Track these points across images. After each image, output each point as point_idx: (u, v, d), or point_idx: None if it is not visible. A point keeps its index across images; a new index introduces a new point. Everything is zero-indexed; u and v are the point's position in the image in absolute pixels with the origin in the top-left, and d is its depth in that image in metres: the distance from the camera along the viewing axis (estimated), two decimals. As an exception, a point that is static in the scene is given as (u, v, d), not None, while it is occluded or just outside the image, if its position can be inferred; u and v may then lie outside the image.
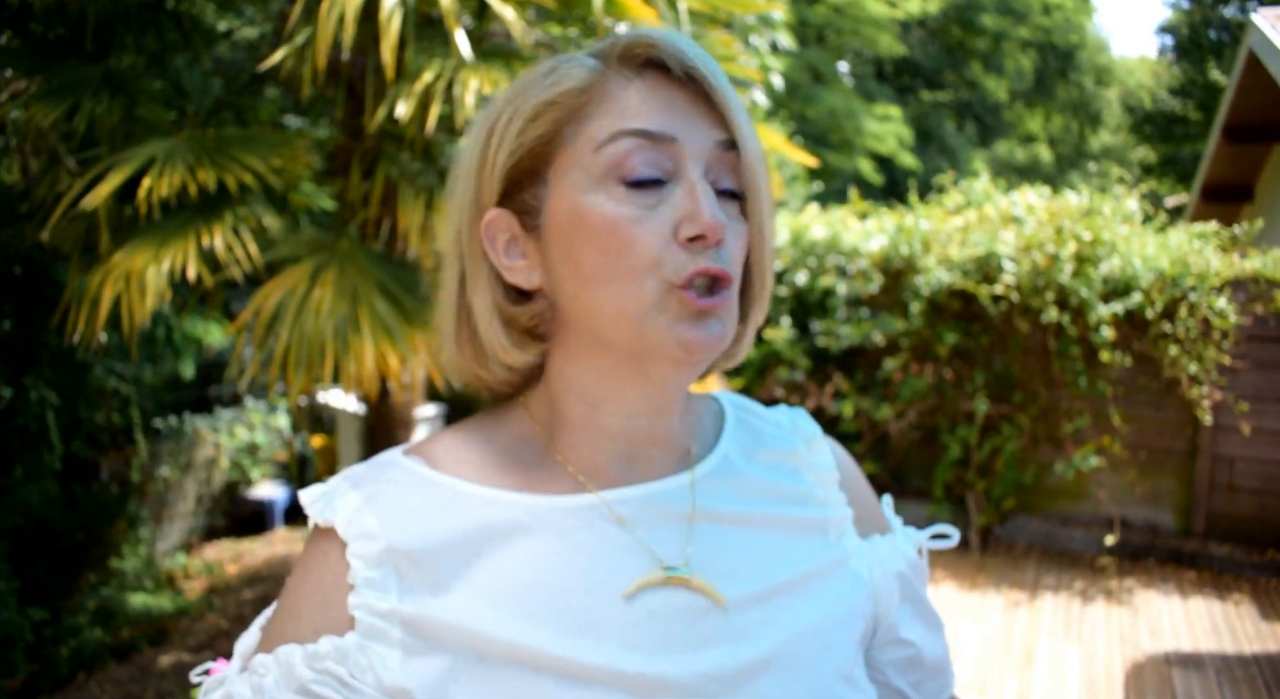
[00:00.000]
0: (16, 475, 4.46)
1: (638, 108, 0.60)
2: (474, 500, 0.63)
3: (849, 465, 0.80)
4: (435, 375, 3.35)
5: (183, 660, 4.37)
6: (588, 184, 0.60)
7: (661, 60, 0.61)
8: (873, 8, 15.62)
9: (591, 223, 0.60)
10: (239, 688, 0.59)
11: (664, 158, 0.60)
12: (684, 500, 0.67)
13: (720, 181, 0.62)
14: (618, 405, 0.65)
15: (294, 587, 0.63)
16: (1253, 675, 3.55)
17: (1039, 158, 21.85)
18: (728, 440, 0.73)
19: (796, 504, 0.72)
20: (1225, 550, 4.79)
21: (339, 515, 0.62)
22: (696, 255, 0.59)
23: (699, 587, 0.62)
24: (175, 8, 3.45)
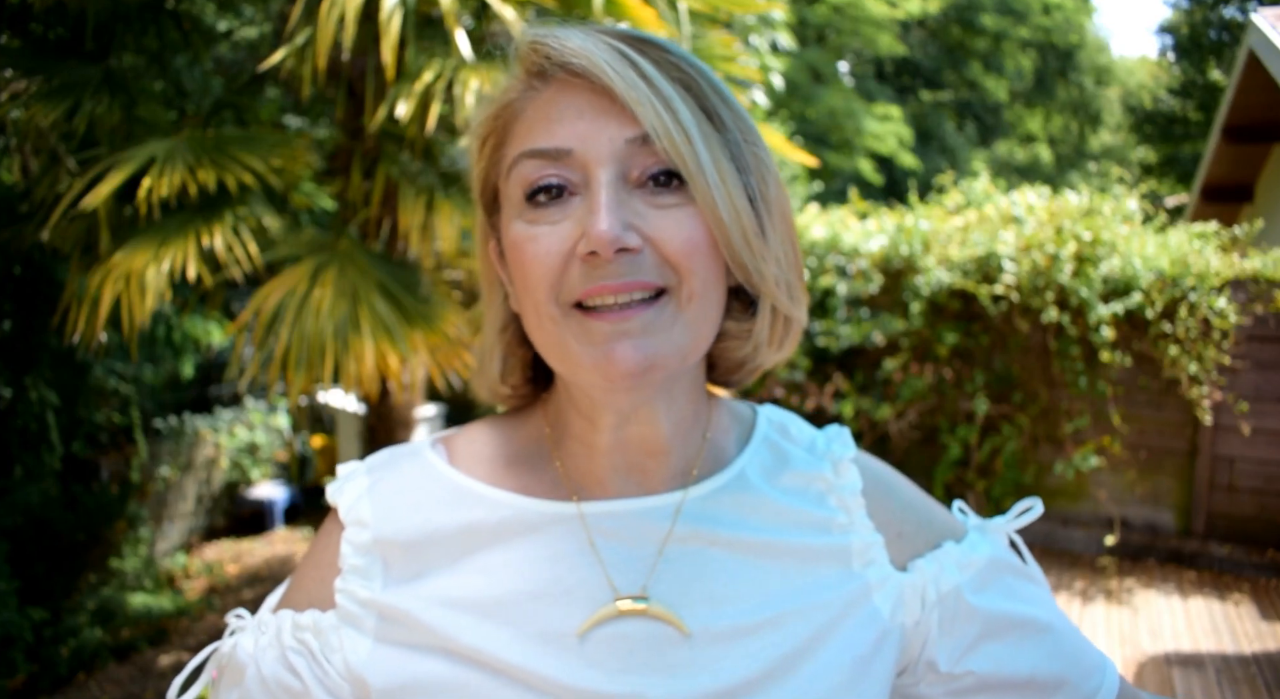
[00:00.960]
0: (16, 475, 4.46)
1: (539, 123, 0.59)
2: (471, 499, 0.65)
3: (884, 484, 0.74)
4: (435, 375, 3.35)
5: (183, 660, 4.37)
6: (510, 210, 0.60)
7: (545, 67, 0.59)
8: (873, 8, 15.62)
9: (511, 248, 0.59)
10: (245, 640, 0.65)
11: (568, 170, 0.57)
12: (664, 522, 0.64)
13: (650, 169, 0.57)
14: (604, 420, 0.64)
15: (305, 557, 0.69)
16: (1253, 675, 3.55)
17: (1039, 158, 21.85)
18: (746, 459, 0.69)
19: (813, 532, 0.67)
20: (1225, 550, 4.79)
21: (343, 499, 0.67)
22: (592, 272, 0.55)
23: (658, 615, 0.61)
24: (175, 8, 3.45)
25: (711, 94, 0.59)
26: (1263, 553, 4.71)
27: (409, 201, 3.30)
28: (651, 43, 0.59)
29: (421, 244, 3.38)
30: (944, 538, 0.73)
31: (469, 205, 3.46)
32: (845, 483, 0.70)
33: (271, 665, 0.63)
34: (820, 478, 0.70)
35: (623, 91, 0.56)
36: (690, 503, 0.65)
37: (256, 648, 0.64)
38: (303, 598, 0.66)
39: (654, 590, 0.62)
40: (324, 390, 6.15)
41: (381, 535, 0.64)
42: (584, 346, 0.57)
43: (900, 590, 0.68)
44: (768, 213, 0.61)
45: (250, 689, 0.63)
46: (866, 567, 0.67)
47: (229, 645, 0.66)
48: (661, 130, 0.56)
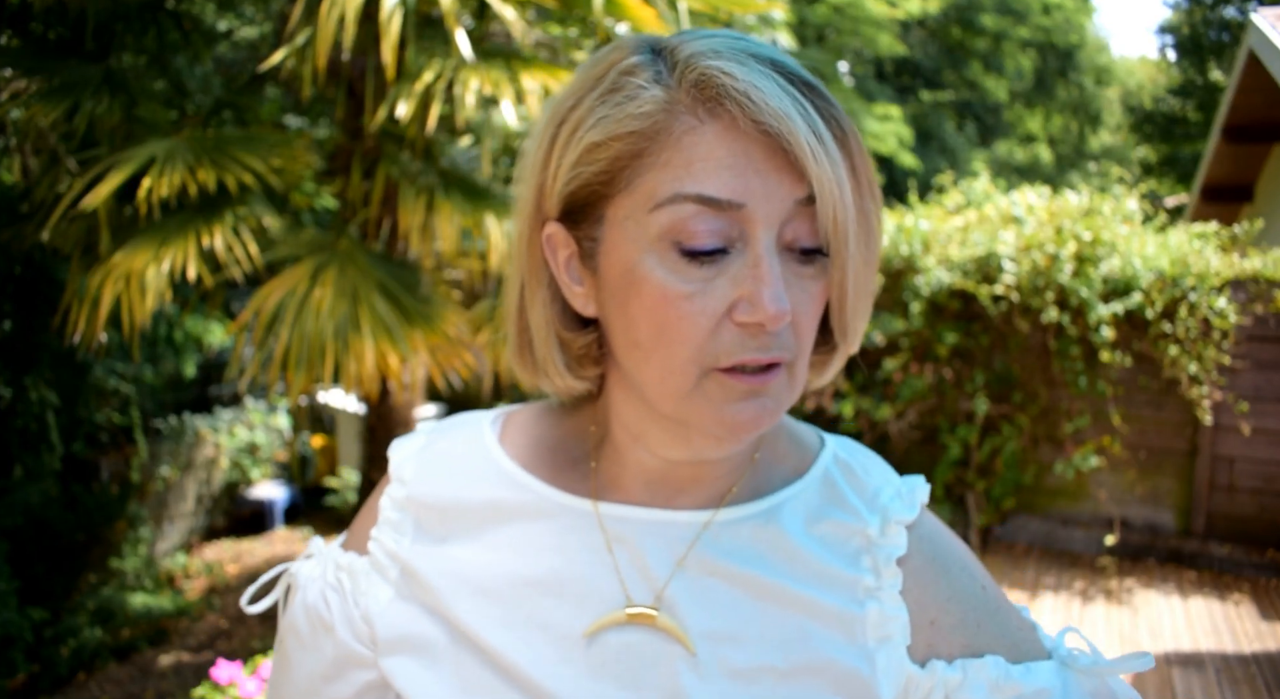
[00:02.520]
0: (16, 475, 4.46)
1: (703, 164, 0.52)
2: (502, 478, 0.66)
3: (938, 563, 0.65)
4: (435, 375, 3.35)
5: (183, 660, 4.36)
6: (643, 242, 0.54)
7: (733, 112, 0.52)
8: (873, 8, 15.62)
9: (644, 289, 0.54)
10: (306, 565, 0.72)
11: (729, 225, 0.53)
12: (688, 538, 0.62)
13: (800, 240, 0.54)
14: (657, 448, 0.62)
15: (364, 507, 0.73)
16: (1253, 675, 3.55)
17: (1039, 158, 21.85)
18: (789, 494, 0.65)
19: (831, 590, 0.61)
20: (1225, 550, 4.79)
21: (396, 455, 0.71)
22: (747, 340, 0.54)
23: (665, 627, 0.59)
24: (175, 8, 3.46)
25: (857, 151, 0.56)
26: (1263, 553, 4.71)
27: (409, 201, 3.30)
28: (815, 88, 0.54)
29: (421, 244, 3.38)
30: (994, 649, 0.62)
31: (469, 205, 3.47)
32: (886, 545, 0.63)
33: (314, 595, 0.69)
34: (862, 533, 0.64)
35: (808, 161, 0.51)
36: (715, 526, 0.63)
37: (307, 577, 0.71)
38: (353, 539, 0.71)
39: (664, 605, 0.60)
40: (324, 390, 6.15)
41: (415, 495, 0.67)
42: (710, 403, 0.55)
43: (904, 685, 0.60)
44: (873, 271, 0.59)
45: (295, 612, 0.70)
46: (879, 644, 0.60)
47: (297, 567, 0.73)
48: (829, 208, 0.52)
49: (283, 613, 0.73)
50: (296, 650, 0.70)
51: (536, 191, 0.60)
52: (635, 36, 0.59)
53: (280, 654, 0.73)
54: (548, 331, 0.63)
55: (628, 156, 0.54)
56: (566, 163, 0.57)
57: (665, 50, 0.56)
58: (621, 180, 0.55)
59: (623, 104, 0.54)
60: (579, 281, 0.60)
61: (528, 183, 0.61)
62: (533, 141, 0.61)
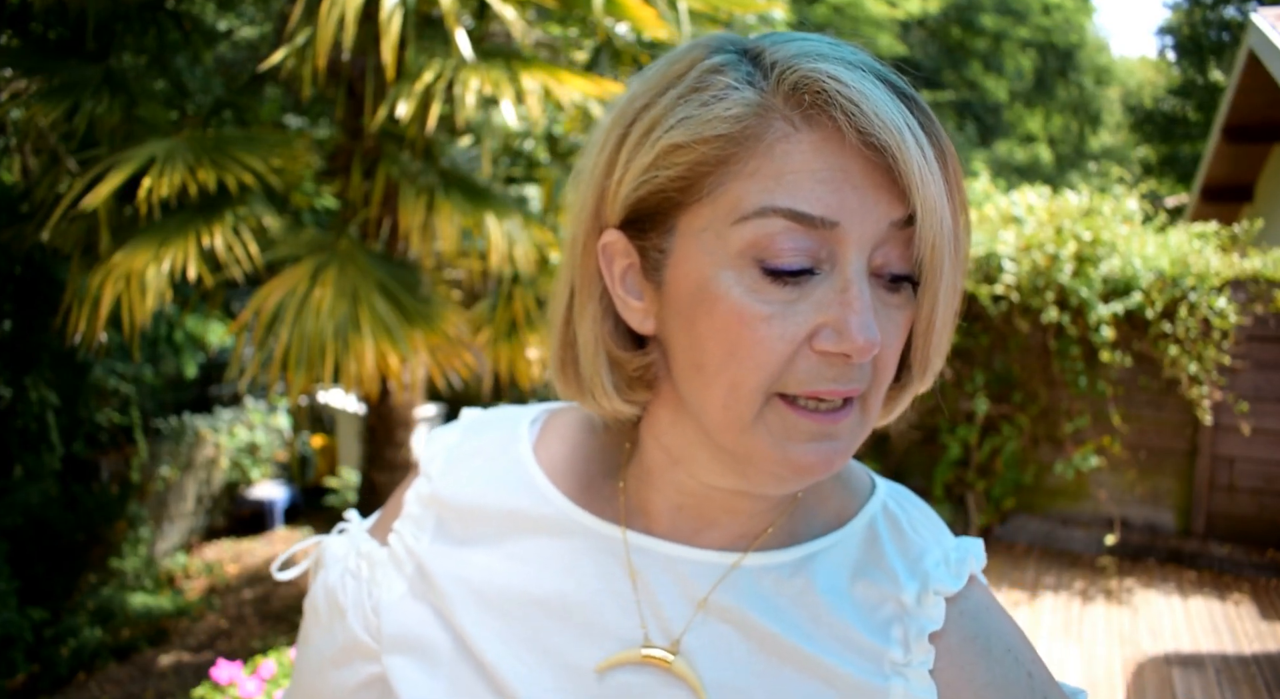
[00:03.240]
0: (16, 475, 4.47)
1: (796, 176, 0.48)
2: (528, 487, 0.64)
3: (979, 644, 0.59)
4: (435, 375, 3.35)
5: (183, 660, 4.37)
6: (721, 256, 0.50)
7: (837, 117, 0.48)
8: (873, 8, 15.63)
9: (717, 308, 0.50)
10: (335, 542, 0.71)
11: (818, 244, 0.48)
12: (707, 580, 0.58)
13: (890, 265, 0.50)
14: (702, 472, 0.58)
15: (396, 489, 0.72)
16: (1253, 675, 3.55)
17: (1039, 158, 21.85)
18: (828, 543, 0.61)
19: (855, 659, 0.56)
20: (1225, 550, 4.79)
21: (429, 448, 0.69)
22: (825, 369, 0.49)
23: (680, 673, 0.56)
24: (175, 8, 3.46)
25: (954, 170, 0.50)
26: (1263, 553, 4.71)
27: (409, 201, 3.30)
28: (919, 103, 0.50)
29: (422, 244, 3.38)
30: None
31: (469, 205, 3.47)
32: (921, 618, 0.58)
33: (335, 576, 0.68)
34: (896, 600, 0.58)
35: (915, 182, 0.47)
36: (741, 570, 0.58)
37: (333, 555, 0.70)
38: (379, 527, 0.71)
39: (682, 652, 0.57)
40: (324, 390, 6.15)
41: (439, 492, 0.65)
42: (775, 439, 0.51)
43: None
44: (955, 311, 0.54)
45: (317, 590, 0.69)
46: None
47: (329, 541, 0.71)
48: (929, 234, 0.48)
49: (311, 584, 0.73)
50: (314, 628, 0.70)
51: (597, 197, 0.55)
52: (715, 35, 0.54)
53: (302, 628, 0.73)
54: (596, 349, 0.57)
55: (712, 162, 0.50)
56: (638, 166, 0.52)
57: (756, 51, 0.51)
58: (702, 188, 0.50)
59: (710, 104, 0.50)
60: (637, 296, 0.55)
61: (586, 186, 0.56)
62: (594, 143, 0.57)
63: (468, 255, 3.76)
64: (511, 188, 4.40)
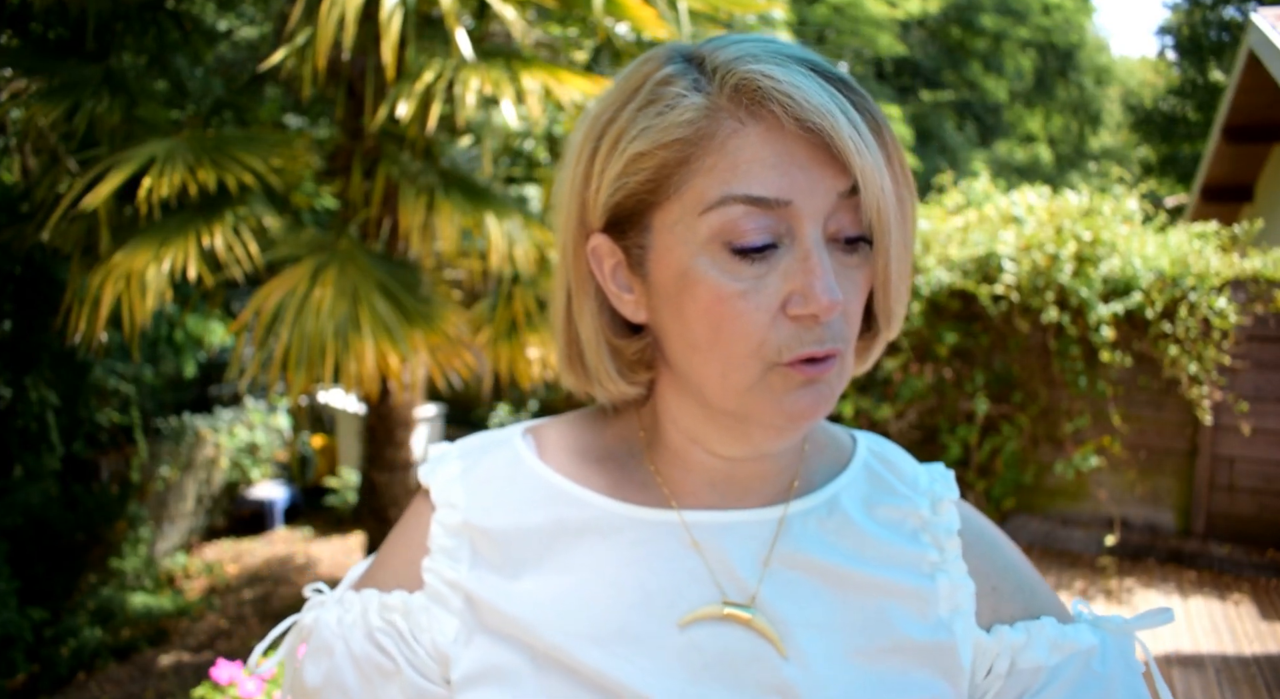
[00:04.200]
0: (16, 475, 4.46)
1: (748, 165, 0.54)
2: (560, 495, 0.65)
3: (987, 537, 0.69)
4: (435, 375, 3.35)
5: (183, 660, 4.37)
6: (694, 245, 0.56)
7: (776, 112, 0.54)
8: (873, 8, 15.62)
9: (698, 291, 0.56)
10: (328, 614, 0.66)
11: (777, 222, 0.55)
12: (767, 535, 0.64)
13: (844, 230, 0.56)
14: (716, 447, 0.63)
15: (392, 537, 0.69)
16: (1253, 675, 3.55)
17: (1039, 158, 21.84)
18: (843, 483, 0.68)
19: (902, 569, 0.64)
20: (1225, 550, 4.79)
21: (435, 481, 0.68)
22: (804, 333, 0.55)
23: (760, 629, 0.60)
24: (175, 8, 3.46)
25: (891, 142, 0.57)
26: (1263, 553, 4.71)
27: (409, 201, 3.30)
28: (848, 84, 0.57)
29: (422, 244, 3.38)
30: (1047, 612, 0.67)
31: (469, 205, 3.47)
32: (942, 522, 0.67)
33: (360, 644, 0.64)
34: (915, 514, 0.67)
35: (851, 154, 0.53)
36: (788, 521, 0.64)
37: (341, 626, 0.65)
38: (389, 578, 0.67)
39: (758, 605, 0.61)
40: (324, 390, 6.15)
41: (471, 520, 0.65)
42: (775, 396, 0.57)
43: (974, 651, 0.63)
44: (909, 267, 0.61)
45: (340, 664, 0.64)
46: (952, 613, 0.63)
47: (310, 619, 0.67)
48: (871, 198, 0.54)
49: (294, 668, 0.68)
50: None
51: (579, 206, 0.61)
52: (664, 47, 0.60)
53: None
54: (598, 340, 0.64)
55: (674, 164, 0.56)
56: (610, 175, 0.58)
57: (699, 58, 0.57)
58: (669, 187, 0.57)
59: (664, 113, 0.56)
60: (628, 289, 0.61)
61: (568, 197, 0.62)
62: (569, 158, 0.62)
63: (468, 255, 3.77)
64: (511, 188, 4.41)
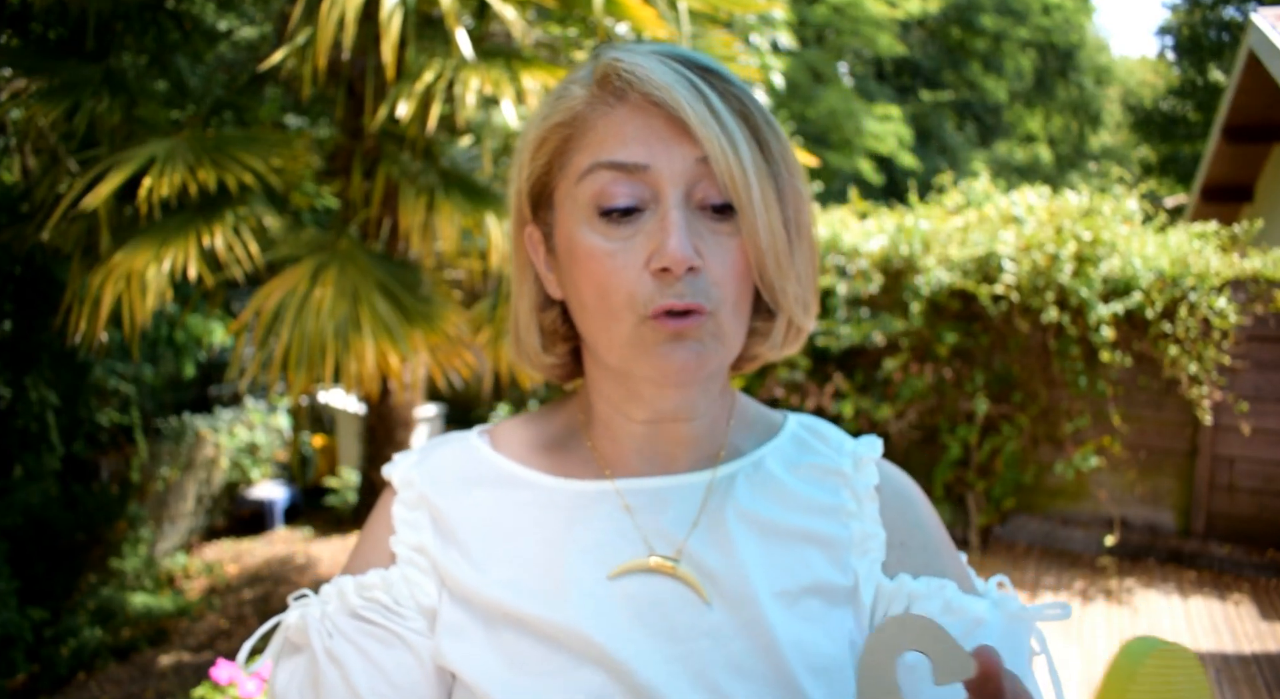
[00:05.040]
0: (16, 475, 4.46)
1: (613, 138, 0.62)
2: (508, 477, 0.71)
3: (904, 495, 0.75)
4: (435, 374, 3.36)
5: (183, 660, 4.37)
6: (577, 214, 0.64)
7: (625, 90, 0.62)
8: (873, 8, 15.62)
9: (579, 256, 0.63)
10: (312, 609, 0.70)
11: (640, 186, 0.62)
12: (695, 497, 0.69)
13: (710, 197, 0.62)
14: (630, 411, 0.69)
15: (362, 533, 0.75)
16: (1253, 675, 3.55)
17: (1039, 158, 21.83)
18: (769, 448, 0.74)
19: (820, 517, 0.70)
20: (1225, 550, 4.79)
21: (396, 471, 0.74)
22: (665, 288, 0.61)
23: (684, 577, 0.65)
24: (175, 8, 3.46)
25: (764, 125, 0.64)
26: (1263, 553, 4.71)
27: (409, 201, 3.30)
28: (715, 72, 0.63)
29: (422, 244, 3.38)
30: (948, 576, 0.70)
31: (469, 205, 3.47)
32: (861, 477, 0.73)
33: (347, 625, 0.67)
34: (838, 472, 0.73)
35: (694, 123, 0.60)
36: (717, 482, 0.70)
37: (324, 614, 0.68)
38: (362, 564, 0.71)
39: (684, 557, 0.66)
40: (324, 390, 6.15)
41: (427, 494, 0.71)
42: (646, 348, 0.62)
43: (875, 594, 0.68)
44: (798, 237, 0.66)
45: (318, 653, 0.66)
46: (860, 558, 0.69)
47: (295, 616, 0.70)
48: (720, 158, 0.60)
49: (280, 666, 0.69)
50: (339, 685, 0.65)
51: (516, 199, 0.70)
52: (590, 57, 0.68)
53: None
54: (529, 318, 0.72)
55: (561, 145, 0.65)
56: (524, 163, 0.68)
57: (594, 60, 0.65)
58: (558, 166, 0.66)
59: (554, 103, 0.66)
60: (550, 269, 0.69)
61: (511, 194, 0.71)
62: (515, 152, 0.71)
63: (468, 255, 3.76)
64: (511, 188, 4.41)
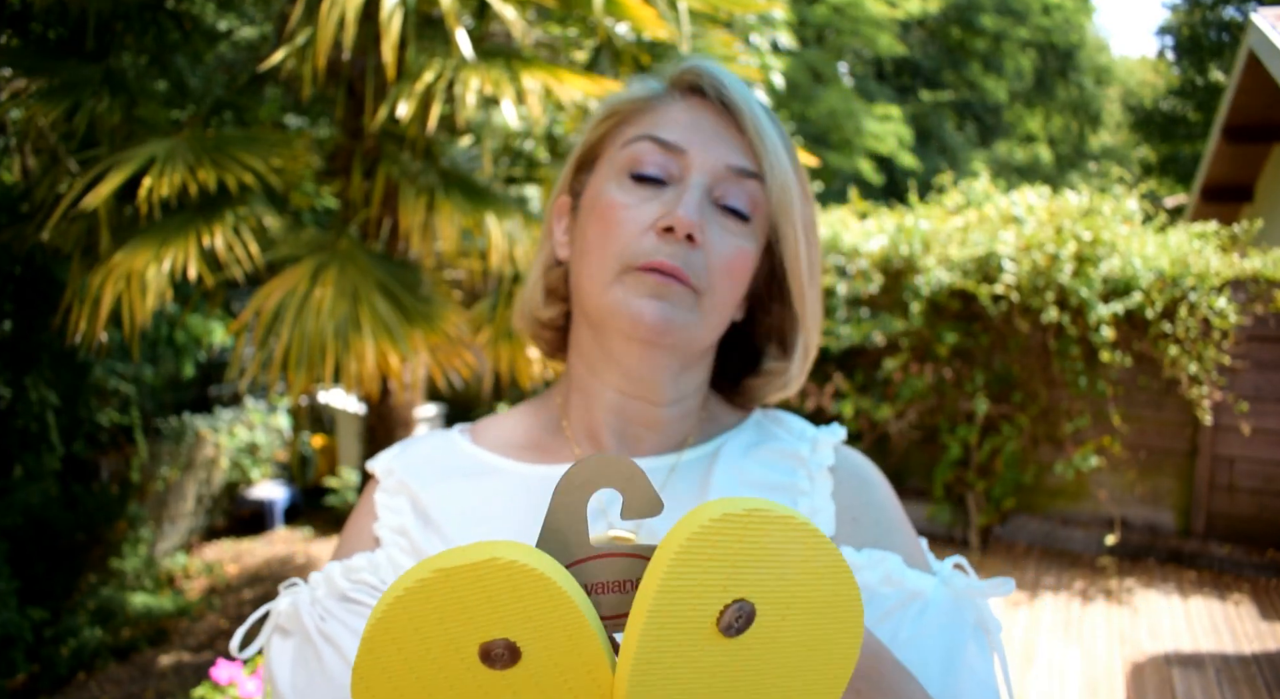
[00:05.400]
0: (16, 475, 4.46)
1: (666, 120, 0.70)
2: (485, 467, 0.75)
3: (860, 476, 0.76)
4: (436, 374, 3.36)
5: (183, 660, 4.37)
6: (610, 174, 0.70)
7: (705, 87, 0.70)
8: (873, 8, 15.61)
9: (598, 204, 0.69)
10: (302, 595, 0.72)
11: (672, 163, 0.68)
12: (658, 479, 0.72)
13: (727, 198, 0.68)
14: (606, 378, 0.73)
15: (347, 523, 0.79)
16: (1253, 675, 3.55)
17: (1039, 158, 21.83)
18: (732, 436, 0.77)
19: (774, 493, 0.72)
20: (1225, 550, 4.79)
21: (378, 462, 0.78)
22: (662, 246, 0.66)
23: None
24: (175, 7, 3.46)
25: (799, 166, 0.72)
26: (1263, 553, 4.71)
27: (410, 201, 3.30)
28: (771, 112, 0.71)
29: (422, 244, 3.38)
30: (896, 552, 0.71)
31: (469, 205, 3.47)
32: (816, 458, 0.76)
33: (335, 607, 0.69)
34: (795, 455, 0.76)
35: (750, 128, 0.68)
36: (682, 465, 0.74)
37: (314, 599, 0.70)
38: (347, 550, 0.75)
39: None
40: (324, 390, 6.15)
41: (406, 480, 0.74)
42: (625, 295, 0.66)
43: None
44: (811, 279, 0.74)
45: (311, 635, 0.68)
46: None
47: (286, 603, 0.71)
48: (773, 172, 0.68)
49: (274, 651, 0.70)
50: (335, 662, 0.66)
51: (566, 166, 0.77)
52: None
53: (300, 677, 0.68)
54: (538, 274, 0.79)
55: (621, 121, 0.73)
56: (586, 133, 0.76)
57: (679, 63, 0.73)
58: (611, 136, 0.73)
59: (632, 86, 0.74)
60: (566, 232, 0.76)
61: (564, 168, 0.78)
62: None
63: (468, 255, 3.76)
64: (511, 188, 4.40)
